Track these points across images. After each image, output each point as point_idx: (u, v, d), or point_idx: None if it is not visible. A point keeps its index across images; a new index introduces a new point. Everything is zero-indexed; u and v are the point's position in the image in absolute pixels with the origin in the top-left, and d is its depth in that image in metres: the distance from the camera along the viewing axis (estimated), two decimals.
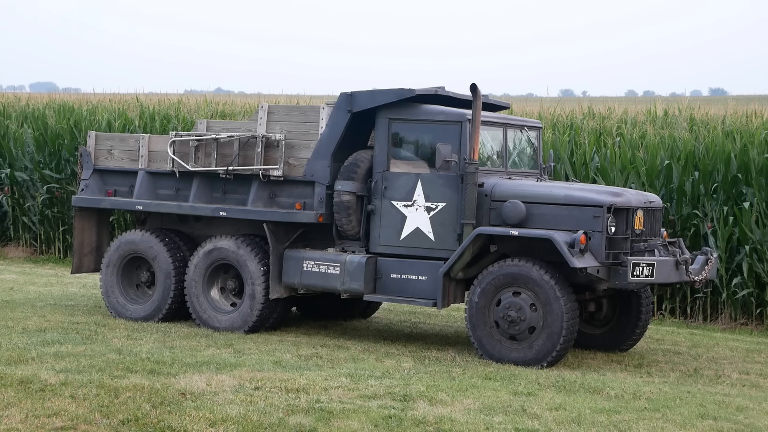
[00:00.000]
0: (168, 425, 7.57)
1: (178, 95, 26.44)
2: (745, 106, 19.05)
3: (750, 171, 14.61)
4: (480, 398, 8.70)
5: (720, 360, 11.64)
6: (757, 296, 14.36)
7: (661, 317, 14.73)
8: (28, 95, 29.71)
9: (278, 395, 8.51)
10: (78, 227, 13.17)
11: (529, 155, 12.19)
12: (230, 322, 11.92)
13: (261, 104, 12.11)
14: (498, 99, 13.83)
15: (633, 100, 28.74)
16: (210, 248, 12.07)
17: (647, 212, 10.97)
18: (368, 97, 11.49)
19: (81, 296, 14.53)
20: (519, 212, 10.75)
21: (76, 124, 19.77)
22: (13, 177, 19.49)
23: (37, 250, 19.49)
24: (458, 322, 13.49)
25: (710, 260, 11.19)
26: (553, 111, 19.61)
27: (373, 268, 11.35)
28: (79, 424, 7.57)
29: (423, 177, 11.25)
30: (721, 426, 8.21)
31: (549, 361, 10.46)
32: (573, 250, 10.26)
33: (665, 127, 17.44)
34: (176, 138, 12.36)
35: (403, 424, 7.82)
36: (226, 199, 12.20)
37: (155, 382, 8.70)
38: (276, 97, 25.79)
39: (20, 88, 55.93)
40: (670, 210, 14.85)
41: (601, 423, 8.11)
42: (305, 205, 11.71)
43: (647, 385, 9.71)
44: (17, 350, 9.91)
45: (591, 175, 15.63)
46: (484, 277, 10.70)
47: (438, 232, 11.15)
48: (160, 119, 19.78)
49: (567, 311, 10.37)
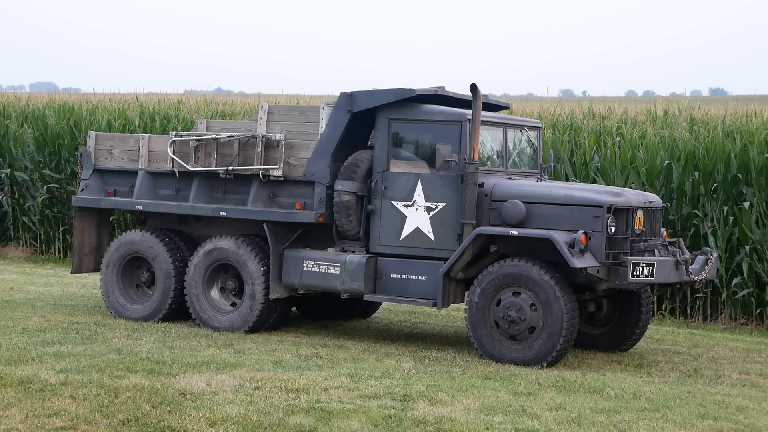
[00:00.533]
0: (168, 425, 7.57)
1: (178, 95, 26.44)
2: (745, 106, 19.05)
3: (750, 171, 14.60)
4: (480, 398, 8.70)
5: (720, 360, 11.64)
6: (757, 296, 14.36)
7: (661, 317, 14.73)
8: (28, 95, 29.70)
9: (278, 395, 8.51)
10: (78, 227, 13.17)
11: (529, 155, 12.19)
12: (230, 322, 11.92)
13: (261, 104, 12.11)
14: (498, 99, 13.82)
15: (633, 100, 28.73)
16: (210, 248, 12.07)
17: (647, 212, 10.97)
18: (368, 97, 11.48)
19: (81, 296, 14.53)
20: (519, 212, 10.74)
21: (76, 124, 19.77)
22: (13, 177, 19.49)
23: (37, 250, 19.48)
24: (458, 322, 13.49)
25: (710, 260, 11.19)
26: (553, 111, 19.61)
27: (373, 268, 11.35)
28: (79, 424, 7.57)
29: (423, 177, 11.25)
30: (721, 426, 8.21)
31: (549, 361, 10.46)
32: (573, 250, 10.26)
33: (665, 127, 17.43)
34: (176, 138, 12.35)
35: (403, 424, 7.82)
36: (226, 199, 12.19)
37: (155, 382, 8.70)
38: (276, 97, 25.79)
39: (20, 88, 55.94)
40: (670, 210, 14.85)
41: (601, 423, 8.10)
42: (305, 205, 11.70)
43: (647, 385, 9.71)
44: (17, 350, 9.91)
45: (591, 175, 15.63)
46: (484, 277, 10.70)
47: (438, 232, 11.15)
48: (160, 119, 19.78)
49: (567, 311, 10.37)
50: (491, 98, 12.61)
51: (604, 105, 19.92)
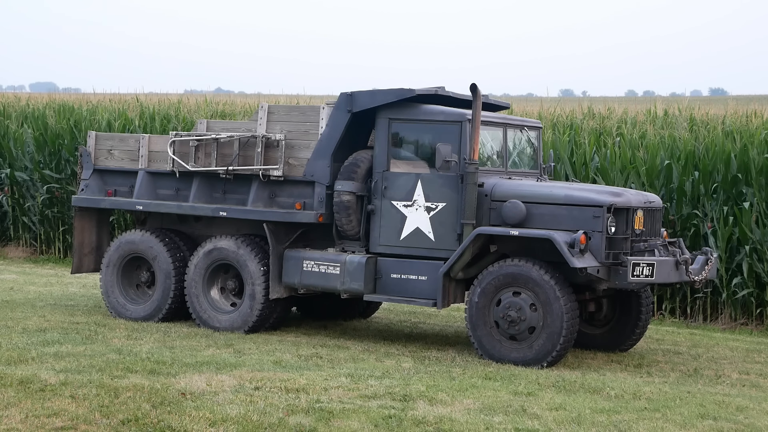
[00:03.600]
0: (168, 425, 7.57)
1: (178, 95, 26.44)
2: (745, 106, 19.06)
3: (750, 171, 14.60)
4: (480, 398, 8.70)
5: (720, 360, 11.64)
6: (757, 296, 14.36)
7: (661, 317, 14.73)
8: (28, 95, 29.70)
9: (278, 395, 8.51)
10: (78, 227, 13.17)
11: (529, 155, 12.19)
12: (230, 322, 11.92)
13: (261, 104, 12.11)
14: (498, 99, 13.82)
15: (633, 100, 28.74)
16: (210, 248, 12.07)
17: (647, 212, 10.97)
18: (368, 97, 11.49)
19: (81, 296, 14.53)
20: (519, 212, 10.74)
21: (76, 124, 19.77)
22: (13, 177, 19.49)
23: (37, 250, 19.49)
24: (458, 322, 13.49)
25: (710, 260, 11.19)
26: (553, 111, 19.61)
27: (373, 268, 11.35)
28: (79, 424, 7.56)
29: (423, 177, 11.25)
30: (721, 426, 8.21)
31: (549, 361, 10.46)
32: (573, 250, 10.26)
33: (665, 127, 17.44)
34: (176, 138, 12.35)
35: (403, 424, 7.81)
36: (226, 199, 12.19)
37: (155, 382, 8.70)
38: (276, 97, 25.79)
39: (20, 88, 55.99)
40: (670, 210, 14.85)
41: (601, 423, 8.10)
42: (305, 205, 11.71)
43: (647, 385, 9.71)
44: (17, 350, 9.91)
45: (591, 175, 15.63)
46: (484, 277, 10.70)
47: (438, 232, 11.15)
48: (160, 119, 19.78)
49: (567, 311, 10.37)
50: (491, 98, 12.62)
51: (604, 105, 19.93)
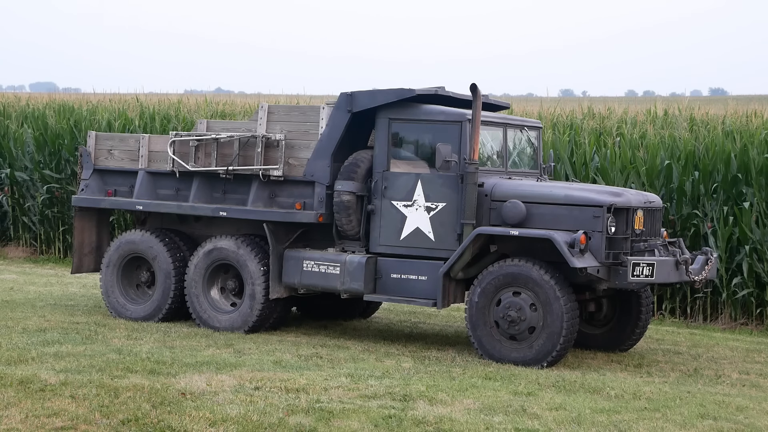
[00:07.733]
0: (168, 425, 7.57)
1: (178, 95, 26.45)
2: (745, 106, 19.05)
3: (750, 171, 14.60)
4: (480, 398, 8.70)
5: (720, 360, 11.64)
6: (757, 296, 14.36)
7: (661, 317, 14.73)
8: (28, 95, 29.70)
9: (278, 395, 8.51)
10: (78, 227, 13.17)
11: (529, 155, 12.19)
12: (230, 322, 11.92)
13: (261, 104, 12.11)
14: (498, 99, 13.83)
15: (633, 100, 28.72)
16: (210, 248, 12.07)
17: (647, 212, 10.97)
18: (368, 97, 11.48)
19: (81, 296, 14.53)
20: (519, 212, 10.74)
21: (76, 124, 19.77)
22: (13, 177, 19.49)
23: (37, 250, 19.48)
24: (458, 322, 13.49)
25: (710, 260, 11.19)
26: (553, 111, 19.61)
27: (373, 268, 11.35)
28: (79, 424, 7.56)
29: (423, 177, 11.25)
30: (721, 426, 8.21)
31: (549, 361, 10.46)
32: (573, 250, 10.26)
33: (665, 127, 17.44)
34: (176, 138, 12.35)
35: (403, 424, 7.82)
36: (226, 199, 12.19)
37: (155, 382, 8.70)
38: (276, 97, 25.79)
39: (20, 88, 55.97)
40: (670, 210, 14.85)
41: (601, 423, 8.10)
42: (305, 205, 11.70)
43: (647, 385, 9.71)
44: (17, 350, 9.91)
45: (591, 175, 15.63)
46: (484, 277, 10.70)
47: (438, 232, 11.15)
48: (160, 119, 19.78)
49: (567, 311, 10.37)
50: (491, 98, 12.62)
51: (604, 105, 19.92)
